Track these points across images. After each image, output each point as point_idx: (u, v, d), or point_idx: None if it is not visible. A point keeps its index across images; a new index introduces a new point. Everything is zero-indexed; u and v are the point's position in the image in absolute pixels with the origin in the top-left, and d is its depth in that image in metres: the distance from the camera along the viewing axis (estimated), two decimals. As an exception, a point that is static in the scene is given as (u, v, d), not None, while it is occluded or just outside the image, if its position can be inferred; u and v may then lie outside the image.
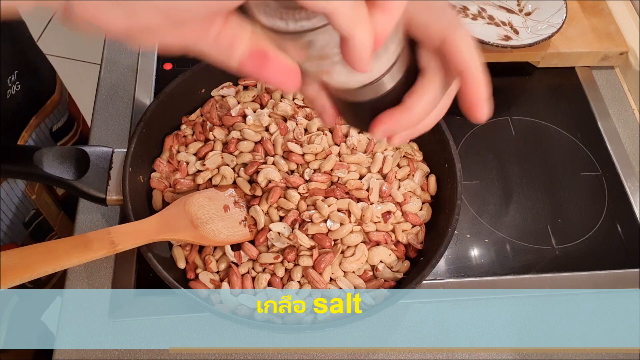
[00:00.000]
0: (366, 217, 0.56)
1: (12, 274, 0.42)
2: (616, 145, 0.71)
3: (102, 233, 0.47)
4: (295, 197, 0.57)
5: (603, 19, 0.79)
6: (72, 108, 0.79)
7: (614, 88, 0.77)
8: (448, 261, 0.62)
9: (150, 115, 0.58)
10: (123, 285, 0.58)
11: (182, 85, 0.61)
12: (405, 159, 0.63)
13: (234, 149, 0.61)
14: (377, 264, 0.56)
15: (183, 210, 0.54)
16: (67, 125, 0.75)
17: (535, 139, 0.72)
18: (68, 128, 0.76)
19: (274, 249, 0.56)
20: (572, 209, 0.66)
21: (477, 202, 0.66)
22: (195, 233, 0.53)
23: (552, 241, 0.64)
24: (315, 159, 0.60)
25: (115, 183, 0.56)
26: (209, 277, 0.55)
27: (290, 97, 0.65)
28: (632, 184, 0.68)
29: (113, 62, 0.75)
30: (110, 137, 0.68)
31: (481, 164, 0.69)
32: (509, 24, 0.76)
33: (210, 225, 0.54)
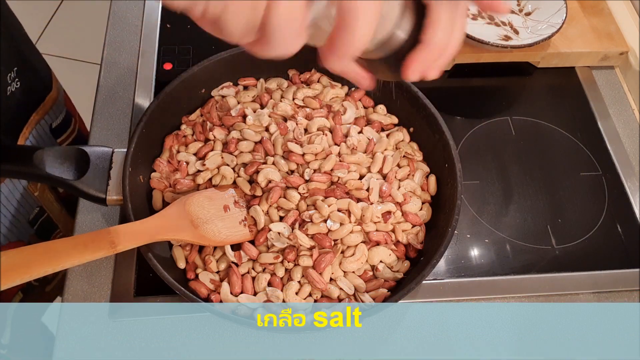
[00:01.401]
0: (366, 217, 0.56)
1: (12, 274, 0.42)
2: (616, 145, 0.71)
3: (102, 233, 0.47)
4: (295, 197, 0.57)
5: (603, 19, 0.79)
6: (69, 105, 0.79)
7: (614, 88, 0.77)
8: (448, 261, 0.62)
9: (150, 115, 0.58)
10: (123, 286, 0.58)
11: (182, 85, 0.61)
12: (405, 159, 0.63)
13: (234, 149, 0.61)
14: (377, 264, 0.56)
15: (183, 210, 0.54)
16: (66, 122, 0.76)
17: (535, 139, 0.72)
18: (66, 124, 0.76)
19: (274, 248, 0.56)
20: (572, 209, 0.66)
21: (477, 202, 0.66)
22: (196, 233, 0.53)
23: (552, 241, 0.64)
24: (315, 159, 0.60)
25: (115, 183, 0.56)
26: (209, 277, 0.55)
27: (290, 97, 0.65)
28: (632, 184, 0.68)
29: (113, 62, 0.75)
30: (110, 137, 0.68)
31: (481, 164, 0.69)
32: (509, 24, 0.76)
33: (210, 225, 0.54)
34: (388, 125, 0.65)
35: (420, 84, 0.63)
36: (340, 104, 0.65)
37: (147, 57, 0.75)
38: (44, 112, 0.69)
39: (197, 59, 0.63)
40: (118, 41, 0.77)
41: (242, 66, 0.65)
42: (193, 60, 0.74)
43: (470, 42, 0.72)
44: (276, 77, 0.67)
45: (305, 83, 0.67)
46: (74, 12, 1.90)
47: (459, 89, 0.76)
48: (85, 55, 1.79)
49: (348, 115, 0.64)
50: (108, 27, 0.79)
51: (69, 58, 1.79)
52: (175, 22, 0.78)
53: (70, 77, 1.69)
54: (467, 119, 0.72)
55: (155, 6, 0.80)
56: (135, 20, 0.79)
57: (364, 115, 0.65)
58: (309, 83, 0.67)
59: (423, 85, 0.63)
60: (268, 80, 0.67)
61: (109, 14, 0.80)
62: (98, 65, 0.74)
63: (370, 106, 0.66)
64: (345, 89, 0.67)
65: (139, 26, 0.78)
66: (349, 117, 0.64)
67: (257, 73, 0.67)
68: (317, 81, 0.67)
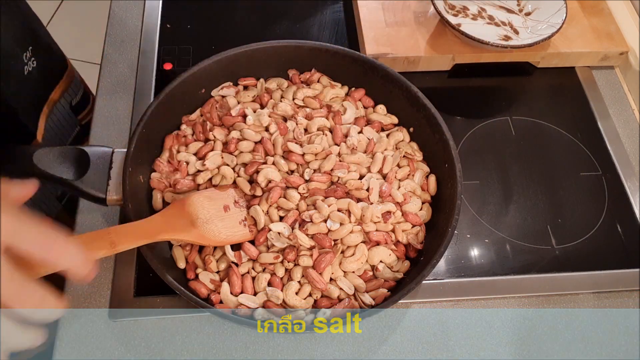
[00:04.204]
0: (366, 217, 0.56)
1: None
2: (616, 145, 0.71)
3: (101, 233, 0.47)
4: (295, 197, 0.57)
5: (603, 19, 0.79)
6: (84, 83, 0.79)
7: (614, 88, 0.77)
8: (448, 261, 0.62)
9: (150, 115, 0.58)
10: (123, 286, 0.58)
11: (182, 85, 0.61)
12: (405, 159, 0.63)
13: (234, 149, 0.61)
14: (377, 264, 0.56)
15: (183, 210, 0.54)
16: (84, 100, 0.76)
17: (535, 139, 0.72)
18: (86, 101, 0.77)
19: (274, 248, 0.56)
20: (572, 209, 0.66)
21: (477, 202, 0.66)
22: (196, 233, 0.53)
23: (552, 241, 0.64)
24: (315, 159, 0.60)
25: (115, 183, 0.56)
26: (209, 277, 0.55)
27: (290, 97, 0.65)
28: (632, 184, 0.68)
29: (113, 62, 0.75)
30: (110, 137, 0.68)
31: (481, 164, 0.69)
32: (509, 24, 0.76)
33: (210, 225, 0.54)
34: (388, 125, 0.65)
35: (420, 84, 0.63)
36: (340, 104, 0.65)
37: (147, 57, 0.75)
38: (63, 89, 0.70)
39: (197, 59, 0.63)
40: (118, 41, 0.77)
41: (242, 66, 0.65)
42: (193, 60, 0.74)
43: (470, 42, 0.72)
44: (276, 77, 0.67)
45: (305, 83, 0.67)
46: (74, 12, 1.90)
47: (459, 89, 0.76)
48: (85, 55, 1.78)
49: (348, 115, 0.64)
50: (108, 27, 0.79)
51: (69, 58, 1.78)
52: (175, 22, 0.78)
53: (70, 77, 1.70)
54: (467, 119, 0.72)
55: (155, 6, 0.80)
56: (135, 20, 0.79)
57: (364, 115, 0.65)
58: (309, 83, 0.67)
59: (423, 85, 0.63)
60: (268, 80, 0.67)
61: (109, 14, 0.80)
62: (98, 65, 0.74)
63: (370, 106, 0.66)
64: (345, 89, 0.67)
65: (139, 26, 0.78)
66: (349, 117, 0.64)
67: (257, 73, 0.67)
68: (317, 81, 0.67)
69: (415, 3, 0.79)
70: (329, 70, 0.67)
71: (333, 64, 0.66)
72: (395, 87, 0.63)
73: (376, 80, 0.64)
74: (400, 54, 0.73)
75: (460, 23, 0.74)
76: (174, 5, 0.80)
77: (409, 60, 0.73)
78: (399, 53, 0.73)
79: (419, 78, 0.73)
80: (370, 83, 0.65)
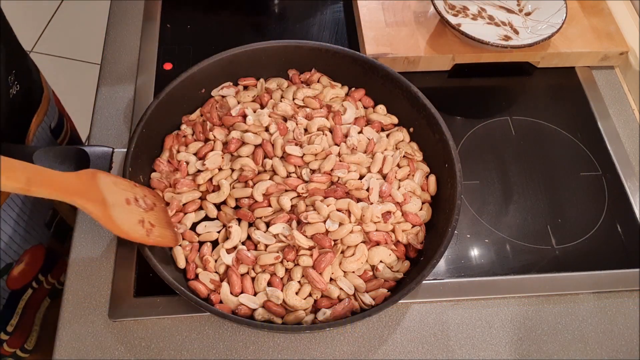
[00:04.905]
0: (366, 217, 0.56)
1: None
2: (616, 145, 0.71)
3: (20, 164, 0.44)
4: (287, 204, 0.57)
5: (603, 19, 0.79)
6: (59, 105, 0.79)
7: (614, 88, 0.77)
8: (448, 261, 0.62)
9: (150, 115, 0.58)
10: (123, 285, 0.58)
11: (182, 85, 0.61)
12: (405, 159, 0.63)
13: (234, 149, 0.61)
14: (377, 264, 0.56)
15: (94, 182, 0.51)
16: (60, 123, 0.76)
17: (535, 139, 0.72)
18: (61, 125, 0.76)
19: (273, 248, 0.56)
20: (572, 209, 0.66)
21: (477, 202, 0.66)
22: (106, 213, 0.50)
23: (552, 241, 0.64)
24: (315, 159, 0.60)
25: (115, 183, 0.55)
26: (209, 277, 0.55)
27: (290, 97, 0.65)
28: (632, 184, 0.68)
29: (113, 62, 0.75)
30: (110, 137, 0.68)
31: (481, 164, 0.69)
32: (509, 24, 0.76)
33: (116, 211, 0.51)
34: (388, 125, 0.65)
35: (420, 84, 0.63)
36: (340, 104, 0.65)
37: (147, 57, 0.75)
38: (42, 114, 0.69)
39: (197, 59, 0.63)
40: (118, 41, 0.77)
41: (242, 66, 0.65)
42: (193, 60, 0.74)
43: (470, 42, 0.72)
44: (276, 77, 0.67)
45: (305, 83, 0.67)
46: (74, 12, 1.90)
47: (459, 89, 0.76)
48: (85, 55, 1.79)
49: (348, 115, 0.64)
50: (108, 27, 0.79)
51: (69, 58, 1.78)
52: (175, 22, 0.78)
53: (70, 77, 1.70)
54: (467, 119, 0.72)
55: (155, 6, 0.80)
56: (135, 20, 0.79)
57: (364, 115, 0.65)
58: (309, 83, 0.67)
59: (423, 85, 0.63)
60: (268, 80, 0.67)
61: (109, 14, 0.80)
62: (98, 65, 0.74)
63: (370, 106, 0.66)
64: (345, 89, 0.67)
65: (139, 26, 0.78)
66: (349, 117, 0.64)
67: (257, 73, 0.67)
68: (317, 81, 0.67)
69: (415, 3, 0.79)
70: (329, 70, 0.67)
71: (333, 64, 0.66)
72: (395, 87, 0.63)
73: (376, 80, 0.64)
74: (400, 54, 0.73)
75: (460, 23, 0.74)
76: (174, 5, 0.80)
77: (409, 60, 0.74)
78: (399, 53, 0.73)
79: (419, 78, 0.73)
80: (370, 83, 0.65)
